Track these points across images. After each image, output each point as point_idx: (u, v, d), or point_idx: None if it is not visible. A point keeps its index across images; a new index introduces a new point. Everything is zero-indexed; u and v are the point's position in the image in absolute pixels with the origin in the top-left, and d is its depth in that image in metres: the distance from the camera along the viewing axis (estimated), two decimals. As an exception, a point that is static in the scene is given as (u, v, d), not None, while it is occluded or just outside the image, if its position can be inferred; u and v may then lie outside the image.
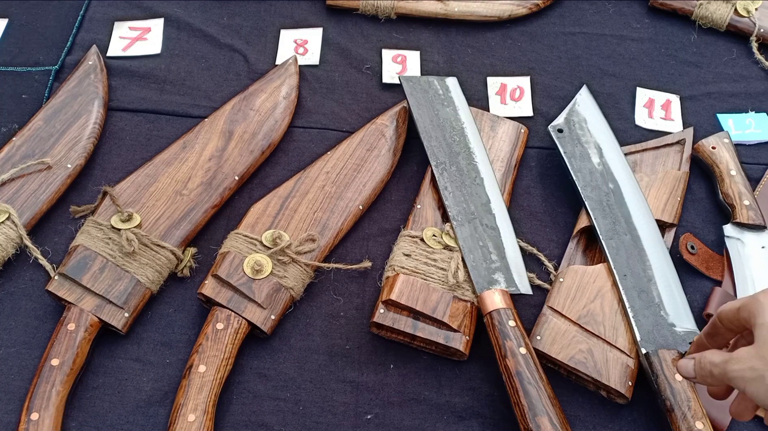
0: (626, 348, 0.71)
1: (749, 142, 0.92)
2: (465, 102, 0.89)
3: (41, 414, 0.65)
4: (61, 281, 0.72)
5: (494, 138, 0.87)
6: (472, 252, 0.75)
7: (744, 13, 1.01)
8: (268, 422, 0.70)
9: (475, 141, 0.84)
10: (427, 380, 0.72)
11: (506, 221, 0.78)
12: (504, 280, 0.74)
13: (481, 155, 0.82)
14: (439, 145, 0.82)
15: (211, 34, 0.99)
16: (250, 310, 0.72)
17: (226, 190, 0.81)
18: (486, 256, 0.75)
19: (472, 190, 0.79)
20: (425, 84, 0.89)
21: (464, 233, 0.76)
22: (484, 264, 0.74)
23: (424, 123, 0.85)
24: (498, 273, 0.74)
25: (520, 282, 0.74)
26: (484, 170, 0.81)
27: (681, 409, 0.66)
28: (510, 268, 0.75)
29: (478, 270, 0.74)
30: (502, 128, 0.88)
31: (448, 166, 0.81)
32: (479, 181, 0.80)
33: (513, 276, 0.74)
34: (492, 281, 0.73)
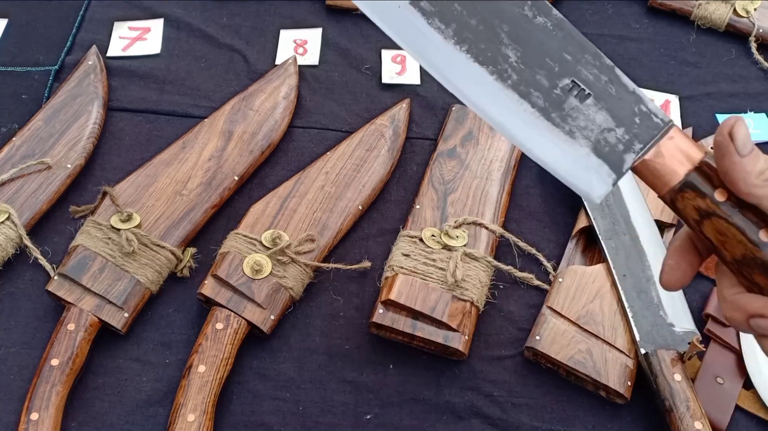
0: (625, 349, 0.72)
1: (748, 142, 0.92)
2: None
3: (41, 414, 0.65)
4: (60, 281, 0.72)
5: (493, 138, 0.87)
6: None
7: (743, 13, 1.02)
8: (268, 422, 0.70)
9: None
10: (426, 380, 0.73)
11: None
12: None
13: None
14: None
15: (211, 34, 0.99)
16: (250, 310, 0.72)
17: (226, 190, 0.81)
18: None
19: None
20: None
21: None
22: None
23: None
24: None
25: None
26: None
27: (680, 409, 0.66)
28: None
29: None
30: (502, 128, 0.88)
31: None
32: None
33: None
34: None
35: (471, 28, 0.48)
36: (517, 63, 0.48)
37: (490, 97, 0.48)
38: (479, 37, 0.48)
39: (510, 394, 0.72)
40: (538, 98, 0.48)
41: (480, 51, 0.48)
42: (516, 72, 0.48)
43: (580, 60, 0.49)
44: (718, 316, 0.75)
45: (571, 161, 0.48)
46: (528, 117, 0.48)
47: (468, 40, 0.48)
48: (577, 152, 0.48)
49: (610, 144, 0.48)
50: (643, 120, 0.48)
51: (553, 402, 0.72)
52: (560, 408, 0.71)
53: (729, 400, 0.71)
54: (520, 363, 0.74)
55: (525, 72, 0.48)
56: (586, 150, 0.48)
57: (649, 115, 0.48)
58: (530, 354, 0.73)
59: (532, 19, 0.49)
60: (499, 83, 0.48)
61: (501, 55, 0.48)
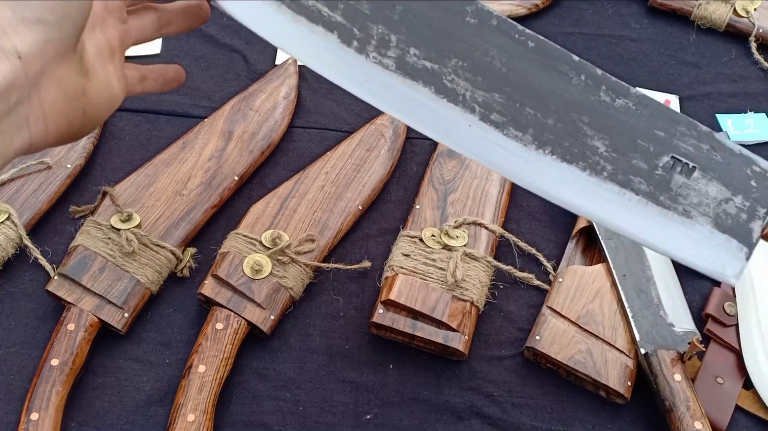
0: (625, 349, 0.72)
1: (748, 142, 0.92)
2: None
3: (41, 414, 0.65)
4: (60, 281, 0.72)
5: (493, 138, 0.87)
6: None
7: (743, 13, 1.02)
8: (268, 422, 0.70)
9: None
10: (426, 380, 0.73)
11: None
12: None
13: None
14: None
15: (211, 34, 0.99)
16: (250, 310, 0.72)
17: (226, 190, 0.81)
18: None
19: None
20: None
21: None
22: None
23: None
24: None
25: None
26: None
27: (680, 409, 0.66)
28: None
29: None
30: (502, 128, 0.88)
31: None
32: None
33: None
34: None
35: (549, 128, 0.45)
36: (608, 152, 0.45)
37: (588, 194, 0.45)
38: (561, 136, 0.45)
39: (510, 394, 0.72)
40: (641, 183, 0.45)
41: (566, 149, 0.45)
42: (609, 162, 0.45)
43: (674, 133, 0.46)
44: (718, 316, 0.75)
45: (695, 243, 0.45)
46: (635, 206, 0.45)
47: (550, 141, 0.45)
48: (699, 232, 0.45)
49: (731, 215, 0.45)
50: (759, 181, 0.45)
51: (553, 402, 0.72)
52: (560, 408, 0.71)
53: (729, 400, 0.71)
54: (520, 363, 0.74)
55: (619, 159, 0.45)
56: (707, 227, 0.45)
57: (765, 175, 0.45)
58: (530, 354, 0.73)
59: (611, 103, 0.46)
60: (594, 177, 0.45)
61: (589, 148, 0.45)
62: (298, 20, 0.46)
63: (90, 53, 0.43)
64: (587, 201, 0.45)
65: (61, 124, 0.41)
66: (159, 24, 0.52)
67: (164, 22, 0.52)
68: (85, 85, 0.42)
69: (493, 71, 0.46)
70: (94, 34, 0.45)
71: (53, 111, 0.40)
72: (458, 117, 0.45)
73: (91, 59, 0.43)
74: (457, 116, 0.45)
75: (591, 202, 0.45)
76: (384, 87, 0.46)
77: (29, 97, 0.39)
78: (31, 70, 0.38)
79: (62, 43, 0.39)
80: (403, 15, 0.46)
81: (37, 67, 0.38)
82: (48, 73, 0.39)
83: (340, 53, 0.46)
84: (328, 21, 0.46)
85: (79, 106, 0.42)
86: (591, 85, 0.46)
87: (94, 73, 0.43)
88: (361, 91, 0.46)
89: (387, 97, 0.46)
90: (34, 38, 0.38)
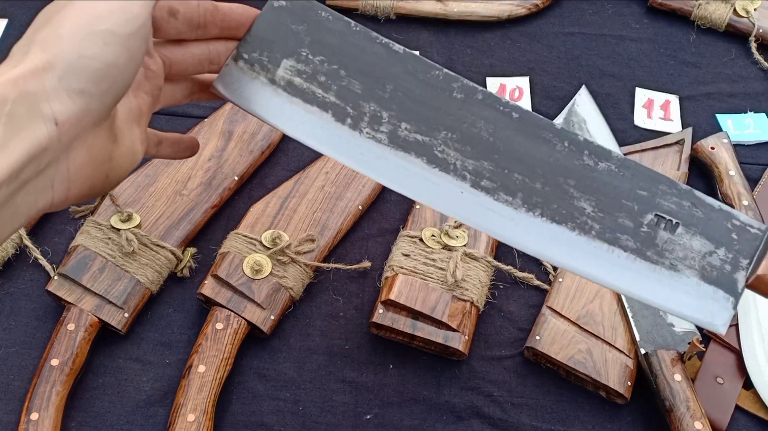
0: (625, 349, 0.72)
1: (748, 142, 0.92)
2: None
3: (41, 414, 0.65)
4: (60, 281, 0.72)
5: (493, 138, 0.87)
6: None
7: (743, 13, 1.02)
8: (268, 422, 0.70)
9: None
10: (426, 380, 0.73)
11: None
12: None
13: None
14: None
15: (211, 35, 0.99)
16: (250, 310, 0.72)
17: (226, 190, 0.81)
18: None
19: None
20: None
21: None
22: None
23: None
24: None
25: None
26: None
27: (680, 409, 0.66)
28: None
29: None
30: (502, 128, 0.88)
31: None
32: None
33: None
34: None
35: (537, 191, 0.47)
36: (595, 212, 0.47)
37: (578, 253, 0.47)
38: (549, 198, 0.47)
39: (510, 394, 0.72)
40: (628, 240, 0.47)
41: (554, 211, 0.47)
42: (596, 221, 0.47)
43: (656, 192, 0.48)
44: (718, 316, 0.75)
45: (683, 295, 0.47)
46: (624, 262, 0.47)
47: (539, 204, 0.47)
48: (686, 284, 0.47)
49: (716, 267, 0.47)
50: (740, 234, 0.47)
51: (553, 402, 0.72)
52: (560, 408, 0.71)
53: (729, 400, 0.71)
54: (520, 363, 0.74)
55: (605, 219, 0.47)
56: (694, 280, 0.47)
57: (745, 228, 0.47)
58: (530, 354, 0.73)
59: (594, 166, 0.48)
60: (583, 236, 0.47)
61: (576, 209, 0.47)
62: (294, 102, 0.49)
63: (120, 117, 0.43)
64: (578, 259, 0.47)
65: (84, 187, 0.41)
66: (191, 91, 0.52)
67: (196, 88, 0.52)
68: (112, 151, 0.42)
69: (481, 141, 0.48)
70: (127, 99, 0.44)
71: (79, 175, 0.40)
72: (450, 185, 0.48)
73: (120, 123, 0.43)
74: (450, 184, 0.48)
75: (581, 260, 0.47)
76: (379, 159, 0.48)
77: (58, 160, 0.38)
78: (65, 137, 0.38)
79: (100, 113, 0.39)
80: (393, 93, 0.49)
81: (72, 134, 0.38)
82: (80, 138, 0.39)
83: (336, 130, 0.48)
84: (323, 101, 0.49)
85: (103, 170, 0.42)
86: (574, 150, 0.48)
87: (121, 137, 0.43)
88: (357, 164, 0.48)
89: (382, 169, 0.48)
90: (75, 107, 0.37)
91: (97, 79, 0.38)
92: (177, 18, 0.46)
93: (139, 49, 0.40)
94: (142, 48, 0.40)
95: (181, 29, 0.47)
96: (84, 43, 0.37)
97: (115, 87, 0.39)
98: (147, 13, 0.40)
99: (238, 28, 0.49)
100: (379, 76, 0.49)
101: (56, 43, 0.37)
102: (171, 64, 0.48)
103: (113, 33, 0.38)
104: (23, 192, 0.37)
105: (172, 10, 0.46)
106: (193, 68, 0.49)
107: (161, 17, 0.46)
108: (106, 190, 0.44)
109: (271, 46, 0.49)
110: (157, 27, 0.46)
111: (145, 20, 0.40)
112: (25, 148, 0.35)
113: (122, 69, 0.39)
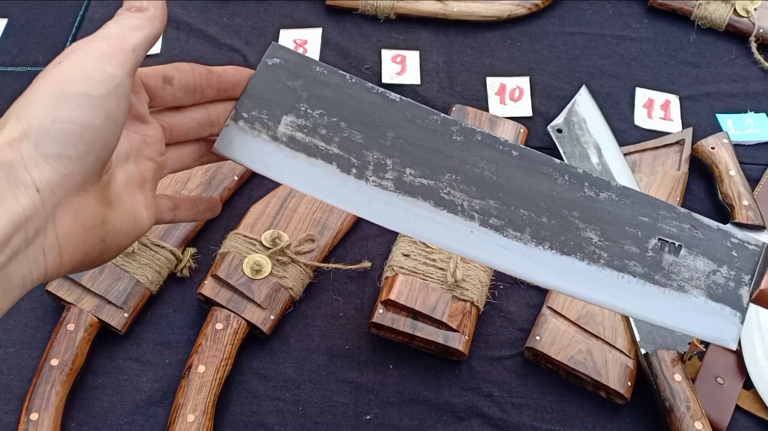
0: (625, 349, 0.72)
1: (748, 142, 0.92)
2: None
3: (41, 414, 0.65)
4: (60, 281, 0.72)
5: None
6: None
7: (743, 13, 1.02)
8: (268, 422, 0.70)
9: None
10: (426, 380, 0.73)
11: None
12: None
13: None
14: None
15: (211, 34, 0.99)
16: (250, 310, 0.72)
17: (226, 190, 0.81)
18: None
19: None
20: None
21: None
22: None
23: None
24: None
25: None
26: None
27: (680, 409, 0.66)
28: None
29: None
30: (501, 128, 0.88)
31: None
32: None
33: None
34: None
35: (544, 225, 0.49)
36: (601, 241, 0.49)
37: (590, 282, 0.48)
38: (556, 231, 0.49)
39: (510, 394, 0.72)
40: (636, 266, 0.49)
41: (563, 243, 0.49)
42: (604, 250, 0.49)
43: (657, 217, 0.50)
44: (718, 316, 0.75)
45: (693, 314, 0.48)
46: (634, 287, 0.48)
47: (547, 237, 0.49)
48: (695, 304, 0.48)
49: (721, 285, 0.49)
50: (739, 251, 0.49)
51: (553, 402, 0.72)
52: (560, 408, 0.71)
53: (729, 400, 0.71)
54: (520, 363, 0.74)
55: (612, 247, 0.49)
56: (702, 299, 0.48)
57: (743, 245, 0.49)
58: (530, 354, 0.73)
59: (596, 197, 0.50)
60: (593, 266, 0.48)
61: (583, 240, 0.49)
62: (297, 157, 0.49)
63: (118, 183, 0.43)
64: (590, 288, 0.49)
65: (76, 254, 0.40)
66: (199, 154, 0.51)
67: (204, 151, 0.52)
68: (104, 215, 0.41)
69: (485, 180, 0.49)
70: (127, 165, 0.44)
71: (68, 241, 0.39)
72: (459, 225, 0.49)
73: (117, 189, 0.42)
74: (459, 224, 0.49)
75: (593, 289, 0.49)
76: (387, 206, 0.49)
77: (45, 228, 0.37)
78: (48, 203, 0.37)
79: (83, 177, 0.38)
80: (395, 140, 0.50)
81: (56, 199, 0.37)
82: (64, 203, 0.38)
83: (341, 181, 0.49)
84: (326, 153, 0.49)
85: (96, 235, 0.41)
86: (575, 183, 0.50)
87: (119, 202, 0.42)
88: (366, 212, 0.49)
89: (391, 215, 0.49)
90: (54, 172, 0.37)
91: (73, 142, 0.37)
92: (173, 84, 0.46)
93: (117, 109, 0.39)
94: (121, 107, 0.39)
95: (177, 95, 0.47)
96: (57, 107, 0.37)
97: (96, 148, 0.38)
98: (123, 73, 0.39)
99: (234, 89, 0.50)
100: (378, 125, 0.50)
101: (29, 111, 0.37)
102: (171, 129, 0.48)
103: (86, 95, 0.37)
104: (15, 263, 0.36)
105: (166, 77, 0.46)
106: (195, 132, 0.49)
107: (156, 85, 0.46)
108: (106, 257, 0.43)
109: (269, 103, 0.50)
110: (153, 95, 0.46)
111: (121, 80, 0.39)
112: (8, 218, 0.35)
113: (101, 130, 0.38)
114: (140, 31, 0.41)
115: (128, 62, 0.39)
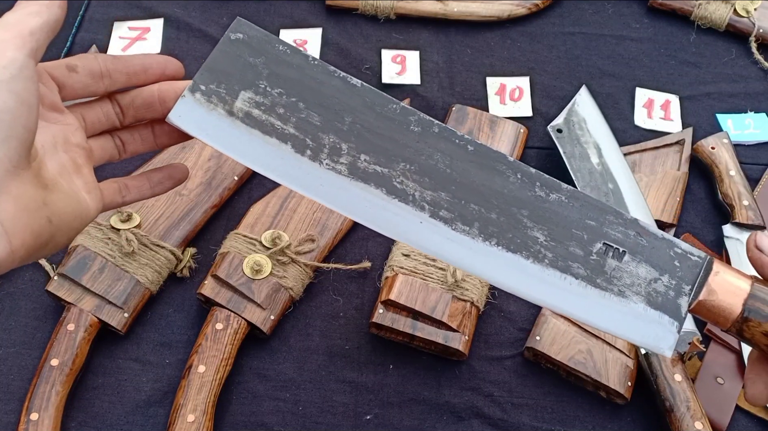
0: (625, 349, 0.72)
1: (748, 142, 0.92)
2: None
3: (41, 414, 0.65)
4: (60, 281, 0.72)
5: (493, 138, 0.87)
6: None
7: (743, 13, 1.02)
8: (268, 422, 0.70)
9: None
10: (426, 380, 0.73)
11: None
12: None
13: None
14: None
15: (211, 34, 0.99)
16: (250, 310, 0.72)
17: (226, 190, 0.81)
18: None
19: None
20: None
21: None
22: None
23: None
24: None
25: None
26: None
27: (680, 409, 0.66)
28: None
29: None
30: (501, 128, 0.88)
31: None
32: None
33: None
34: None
35: (493, 221, 0.49)
36: (547, 241, 0.49)
37: (533, 280, 0.49)
38: (504, 228, 0.49)
39: (510, 394, 0.72)
40: (579, 268, 0.49)
41: (509, 240, 0.49)
42: (549, 250, 0.49)
43: (604, 222, 0.50)
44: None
45: (631, 320, 0.49)
46: (576, 289, 0.49)
47: (494, 233, 0.49)
48: (634, 310, 0.49)
49: (661, 293, 0.49)
50: (682, 261, 0.50)
51: (553, 402, 0.72)
52: (560, 408, 0.71)
53: (729, 400, 0.71)
54: (520, 363, 0.74)
55: (557, 247, 0.49)
56: (641, 305, 0.49)
57: (686, 255, 0.50)
58: (530, 354, 0.73)
59: (546, 197, 0.50)
60: (537, 265, 0.49)
61: (530, 238, 0.49)
62: (252, 133, 0.49)
63: (51, 170, 0.44)
64: (532, 287, 0.49)
65: (26, 237, 0.40)
66: (154, 136, 0.53)
67: (158, 133, 0.54)
68: (45, 197, 0.42)
69: (438, 172, 0.50)
70: (57, 154, 0.45)
71: (14, 224, 0.40)
72: (410, 215, 0.49)
73: (51, 175, 0.44)
74: (409, 214, 0.49)
75: (535, 288, 0.49)
76: (338, 190, 0.49)
77: None
78: None
79: (10, 161, 0.39)
80: (352, 125, 0.50)
81: None
82: (2, 189, 0.39)
83: (295, 162, 0.49)
84: (282, 133, 0.49)
85: (42, 216, 0.42)
86: (527, 182, 0.50)
87: (55, 185, 0.44)
88: (317, 195, 0.49)
89: (342, 200, 0.49)
90: None
91: None
92: (77, 72, 0.47)
93: (26, 91, 0.40)
94: (29, 89, 0.40)
95: (86, 82, 0.48)
96: None
97: (17, 131, 0.39)
98: (23, 55, 0.40)
99: (145, 72, 0.50)
100: (337, 109, 0.50)
101: None
102: (122, 110, 0.50)
103: None
104: None
105: (70, 66, 0.47)
106: (146, 111, 0.51)
107: (62, 74, 0.47)
108: (58, 240, 0.44)
109: (228, 78, 0.50)
110: (62, 84, 0.47)
111: (23, 62, 0.40)
112: None
113: (15, 113, 0.39)
114: (38, 16, 0.42)
115: (27, 45, 0.40)
